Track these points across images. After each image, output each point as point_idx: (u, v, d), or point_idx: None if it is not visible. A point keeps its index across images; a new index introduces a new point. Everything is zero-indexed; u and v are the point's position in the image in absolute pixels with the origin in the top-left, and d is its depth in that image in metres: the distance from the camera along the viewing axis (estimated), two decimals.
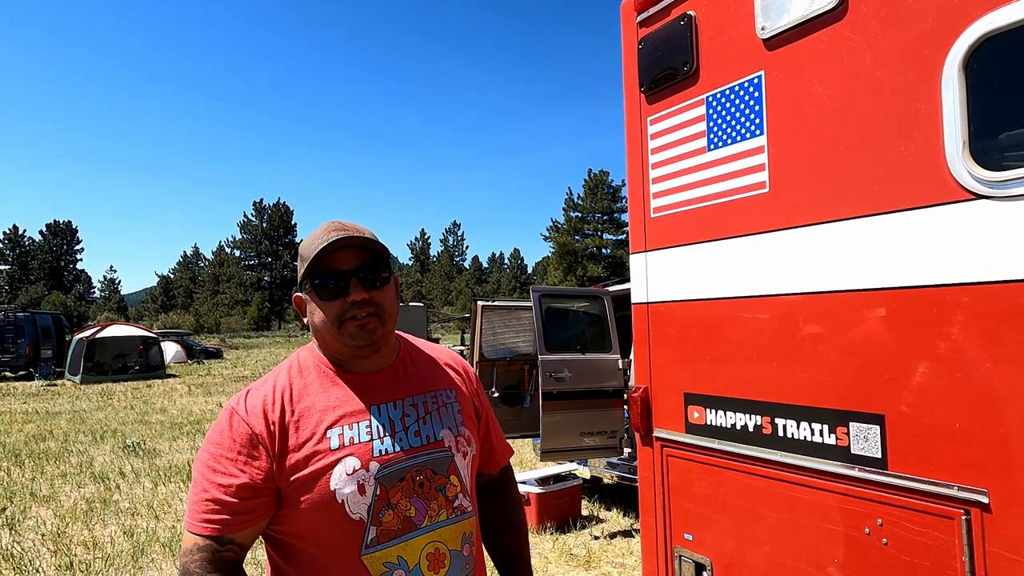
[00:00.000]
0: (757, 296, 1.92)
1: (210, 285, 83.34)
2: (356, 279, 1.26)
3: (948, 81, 1.49)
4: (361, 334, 1.26)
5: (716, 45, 2.04)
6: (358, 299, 1.25)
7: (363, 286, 1.26)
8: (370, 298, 1.27)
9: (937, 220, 1.52)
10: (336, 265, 1.26)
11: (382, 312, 1.29)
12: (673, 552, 2.19)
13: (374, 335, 1.28)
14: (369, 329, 1.27)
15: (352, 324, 1.26)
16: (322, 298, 1.27)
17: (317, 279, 1.26)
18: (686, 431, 2.15)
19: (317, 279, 1.26)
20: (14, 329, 21.98)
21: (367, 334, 1.27)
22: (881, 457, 1.62)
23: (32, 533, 5.76)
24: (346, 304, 1.25)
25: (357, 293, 1.25)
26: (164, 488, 7.27)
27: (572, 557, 4.97)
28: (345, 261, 1.27)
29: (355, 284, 1.26)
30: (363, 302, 1.26)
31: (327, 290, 1.26)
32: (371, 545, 1.21)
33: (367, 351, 1.30)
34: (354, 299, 1.25)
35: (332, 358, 1.33)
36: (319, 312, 1.27)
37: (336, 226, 1.29)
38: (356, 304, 1.25)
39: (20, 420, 12.64)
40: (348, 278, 1.26)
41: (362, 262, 1.28)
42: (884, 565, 1.61)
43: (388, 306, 1.30)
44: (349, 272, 1.26)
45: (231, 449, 1.19)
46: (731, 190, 1.99)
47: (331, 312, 1.26)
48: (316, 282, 1.26)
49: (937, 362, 1.52)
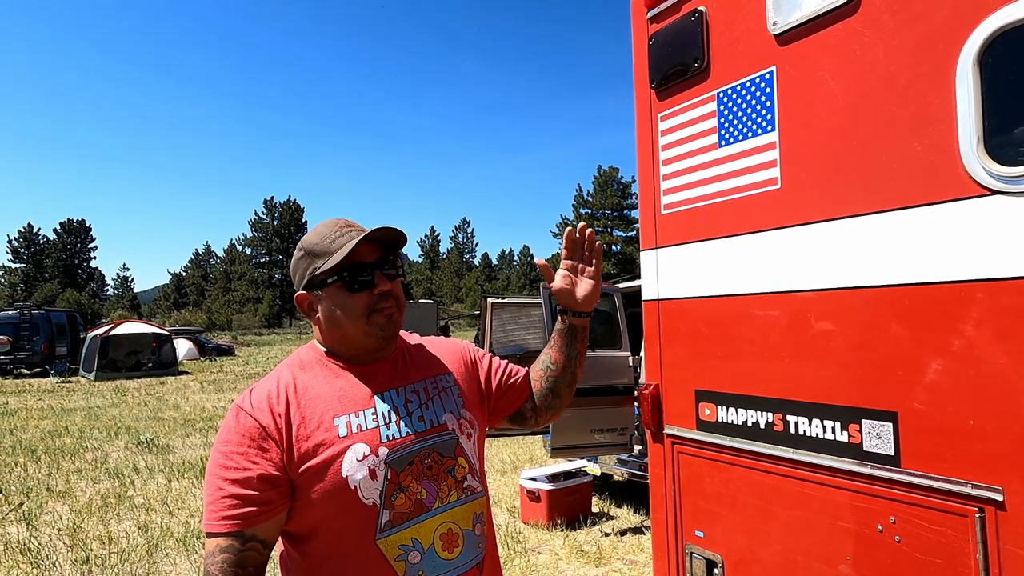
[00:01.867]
0: (769, 293, 1.91)
1: (222, 283, 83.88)
2: (379, 272, 1.31)
3: (962, 76, 1.48)
4: (389, 324, 1.32)
5: (727, 41, 2.03)
6: (385, 290, 1.31)
7: (387, 278, 1.32)
8: (391, 289, 1.32)
9: (951, 216, 1.50)
10: (362, 258, 1.30)
11: (399, 304, 1.35)
12: (684, 549, 2.19)
13: (398, 325, 1.35)
14: (395, 320, 1.33)
15: (379, 315, 1.31)
16: (351, 290, 1.29)
17: (346, 272, 1.29)
18: (697, 428, 2.14)
19: (346, 272, 1.29)
20: (30, 327, 22.25)
21: (394, 324, 1.33)
22: (894, 454, 1.61)
23: (49, 528, 5.84)
24: (373, 296, 1.30)
25: (383, 284, 1.31)
26: (178, 484, 7.34)
27: (583, 554, 4.97)
28: (368, 255, 1.31)
29: (379, 276, 1.31)
30: (388, 293, 1.31)
31: (356, 282, 1.29)
32: (385, 529, 1.22)
33: (391, 341, 1.36)
34: (381, 290, 1.30)
35: (339, 352, 1.36)
36: (344, 305, 1.30)
37: (347, 222, 1.34)
38: (383, 295, 1.31)
39: (36, 416, 12.80)
40: (372, 270, 1.30)
41: (381, 256, 1.33)
42: (896, 563, 1.61)
43: (402, 299, 1.37)
44: (373, 265, 1.31)
45: (240, 444, 1.20)
46: (742, 186, 1.98)
47: (359, 304, 1.29)
48: (345, 275, 1.29)
49: (951, 359, 1.51)
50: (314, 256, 1.30)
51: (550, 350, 1.57)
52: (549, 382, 1.56)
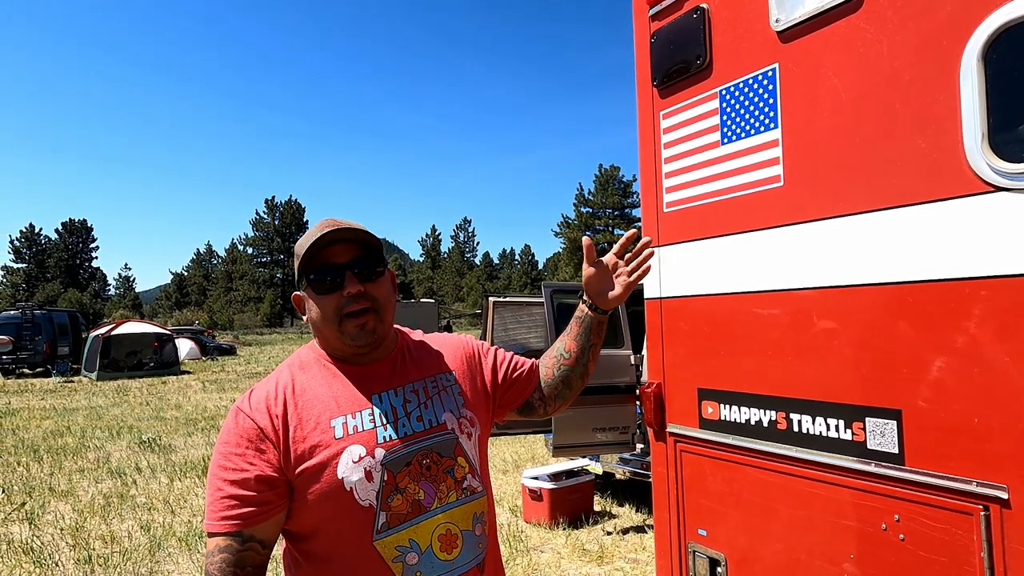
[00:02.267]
0: (772, 291, 1.90)
1: (223, 282, 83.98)
2: (351, 272, 1.27)
3: (967, 72, 1.47)
4: (361, 334, 1.28)
5: (729, 38, 2.03)
6: (354, 292, 1.26)
7: (358, 279, 1.27)
8: (365, 291, 1.28)
9: (955, 213, 1.50)
10: (331, 259, 1.27)
11: (378, 306, 1.30)
12: (687, 547, 2.19)
13: (374, 334, 1.29)
14: (368, 329, 1.28)
15: (351, 324, 1.27)
16: (318, 292, 1.28)
17: (312, 274, 1.27)
18: (700, 427, 2.14)
19: (312, 274, 1.27)
20: (32, 326, 22.29)
21: (367, 334, 1.28)
22: (898, 452, 1.61)
23: (51, 527, 5.85)
24: (342, 298, 1.26)
25: (352, 286, 1.26)
26: (180, 483, 7.35)
27: (585, 552, 4.97)
28: (339, 255, 1.28)
29: (350, 277, 1.27)
30: (359, 295, 1.27)
31: (323, 284, 1.27)
32: (382, 530, 1.22)
33: (367, 348, 1.32)
34: (349, 292, 1.26)
35: (332, 353, 1.35)
36: (316, 308, 1.29)
37: (329, 222, 1.30)
38: (352, 297, 1.26)
39: (38, 416, 12.81)
40: (343, 272, 1.27)
41: (356, 256, 1.29)
42: (901, 561, 1.60)
43: (384, 299, 1.31)
44: (344, 266, 1.27)
45: (239, 445, 1.21)
46: (745, 184, 1.98)
47: (328, 307, 1.27)
48: (311, 277, 1.28)
49: (955, 356, 1.51)
50: (296, 257, 1.30)
51: (565, 337, 1.55)
52: (562, 371, 1.55)
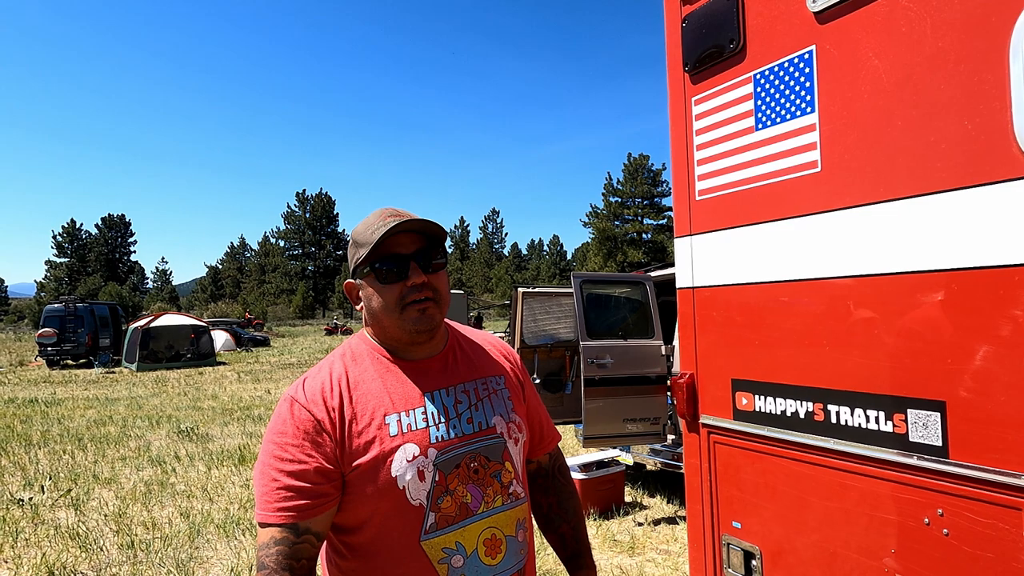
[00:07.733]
0: (810, 279, 1.86)
1: (256, 275, 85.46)
2: (415, 263, 1.27)
3: (1017, 49, 1.41)
4: (422, 319, 1.28)
5: (764, 20, 1.98)
6: (418, 282, 1.26)
7: (422, 270, 1.28)
8: (428, 282, 1.28)
9: (1002, 197, 1.44)
10: (395, 249, 1.27)
11: (438, 296, 1.30)
12: (721, 540, 2.16)
13: (433, 320, 1.30)
14: (429, 315, 1.28)
15: (413, 309, 1.27)
16: (382, 282, 1.28)
17: (377, 263, 1.27)
18: (734, 418, 2.11)
19: (377, 263, 1.27)
20: (74, 319, 23.01)
21: (427, 319, 1.28)
22: (941, 445, 1.56)
23: (96, 513, 6.04)
24: (405, 288, 1.27)
25: (417, 276, 1.26)
26: (217, 472, 7.52)
27: (616, 543, 4.96)
28: (404, 246, 1.28)
29: (414, 268, 1.27)
30: (422, 285, 1.27)
31: (388, 274, 1.27)
32: (430, 531, 1.22)
33: (425, 336, 1.31)
34: (414, 282, 1.26)
35: (386, 345, 1.34)
36: (378, 297, 1.28)
37: (392, 212, 1.30)
38: (416, 287, 1.27)
39: (82, 406, 13.22)
40: (407, 262, 1.27)
41: (420, 247, 1.29)
42: (944, 557, 1.56)
43: (444, 291, 1.32)
44: (408, 256, 1.27)
45: (295, 436, 1.20)
46: (780, 170, 1.93)
47: (391, 296, 1.27)
48: (376, 266, 1.27)
49: (1001, 346, 1.45)
50: (357, 245, 1.30)
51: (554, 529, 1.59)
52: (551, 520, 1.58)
